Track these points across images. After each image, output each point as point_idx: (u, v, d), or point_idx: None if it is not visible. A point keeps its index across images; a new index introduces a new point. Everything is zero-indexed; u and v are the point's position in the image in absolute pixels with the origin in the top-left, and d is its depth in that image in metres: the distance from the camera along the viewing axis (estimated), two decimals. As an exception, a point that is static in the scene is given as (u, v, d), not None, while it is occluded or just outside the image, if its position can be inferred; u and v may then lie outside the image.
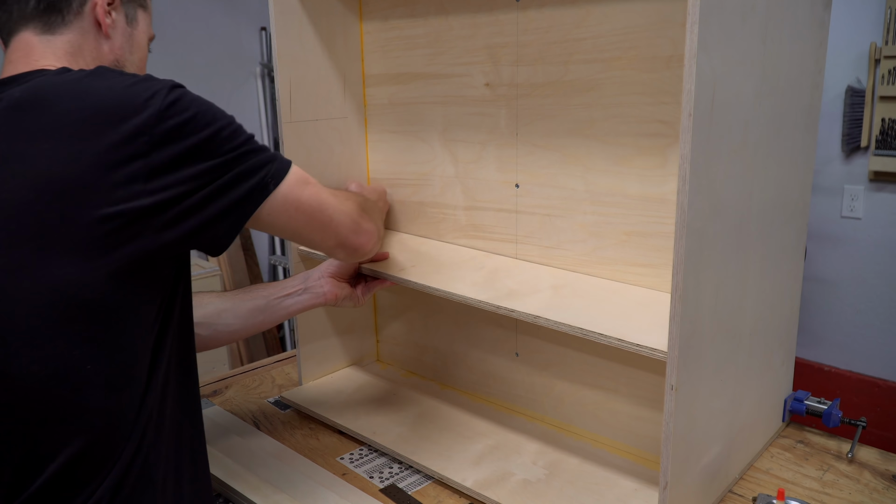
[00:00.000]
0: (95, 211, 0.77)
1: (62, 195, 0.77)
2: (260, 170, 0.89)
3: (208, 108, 0.85)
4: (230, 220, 0.87)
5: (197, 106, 0.83)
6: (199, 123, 0.82)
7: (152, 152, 0.79)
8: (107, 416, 0.82)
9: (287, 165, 0.93)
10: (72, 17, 0.92)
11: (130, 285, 0.81)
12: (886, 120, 2.45)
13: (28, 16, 0.90)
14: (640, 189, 1.15)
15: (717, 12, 0.82)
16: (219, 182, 0.84)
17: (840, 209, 2.61)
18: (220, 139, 0.84)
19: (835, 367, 2.70)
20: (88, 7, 0.93)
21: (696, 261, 0.89)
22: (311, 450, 1.31)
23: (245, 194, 0.87)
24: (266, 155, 0.90)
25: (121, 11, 0.97)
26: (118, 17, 0.97)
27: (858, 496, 1.12)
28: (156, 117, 0.79)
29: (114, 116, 0.78)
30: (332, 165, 1.50)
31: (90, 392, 0.81)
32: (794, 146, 1.14)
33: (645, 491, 1.14)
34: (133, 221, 0.79)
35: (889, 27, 2.39)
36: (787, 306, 1.24)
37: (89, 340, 0.80)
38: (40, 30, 0.91)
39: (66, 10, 0.91)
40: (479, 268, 1.32)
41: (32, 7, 0.90)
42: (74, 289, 0.78)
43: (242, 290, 1.26)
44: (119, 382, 0.83)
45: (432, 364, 1.58)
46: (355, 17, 1.50)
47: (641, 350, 0.95)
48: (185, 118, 0.81)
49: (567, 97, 1.21)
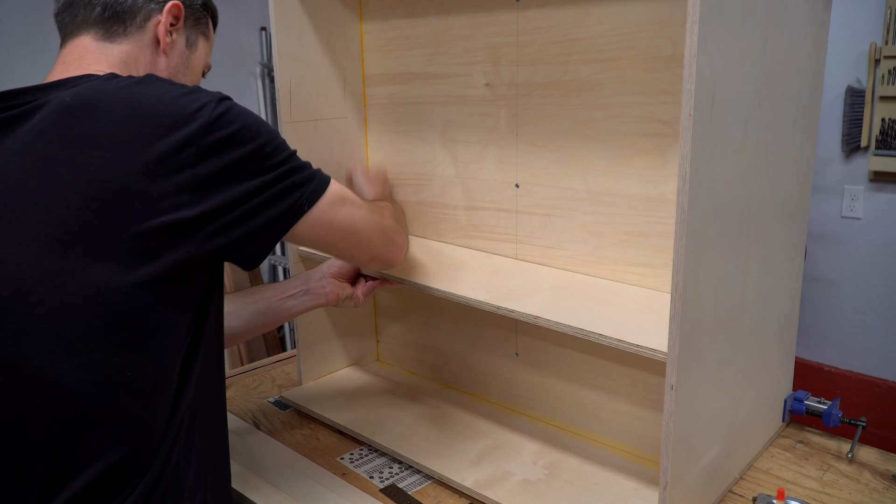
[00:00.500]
0: (142, 219, 0.78)
1: (111, 202, 0.77)
2: (297, 189, 0.89)
3: (253, 122, 0.85)
4: (265, 237, 0.87)
5: (243, 119, 0.84)
6: (245, 137, 0.83)
7: (199, 163, 0.80)
8: (143, 422, 0.82)
9: (324, 185, 0.93)
10: (133, 30, 0.93)
11: (169, 293, 0.82)
12: (886, 120, 2.45)
13: (91, 21, 0.92)
14: (640, 189, 1.15)
15: (717, 12, 0.82)
16: (258, 199, 0.85)
17: (840, 209, 2.61)
18: (263, 154, 0.85)
19: (835, 367, 2.70)
20: (152, 23, 0.94)
21: (696, 261, 0.89)
22: (311, 450, 1.31)
23: (281, 213, 0.88)
24: (304, 174, 0.91)
25: (182, 34, 0.99)
26: (178, 39, 0.98)
27: (858, 496, 1.12)
28: (204, 129, 0.80)
29: (164, 126, 0.79)
30: (332, 165, 1.50)
31: (128, 399, 0.81)
32: (794, 146, 1.14)
33: (645, 491, 1.14)
34: (177, 231, 0.79)
35: (889, 27, 2.39)
36: (787, 306, 1.24)
37: (129, 347, 0.80)
38: (100, 36, 0.92)
39: (129, 22, 0.93)
40: (480, 269, 1.32)
41: (98, 14, 0.92)
42: (117, 295, 0.78)
43: (243, 292, 1.26)
44: (155, 389, 0.83)
45: (432, 364, 1.58)
46: (355, 17, 1.50)
47: (641, 351, 0.95)
48: (232, 131, 0.82)
49: (567, 97, 1.21)
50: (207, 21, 1.05)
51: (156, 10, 0.95)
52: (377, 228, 1.04)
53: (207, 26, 1.05)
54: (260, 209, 0.85)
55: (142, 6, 0.94)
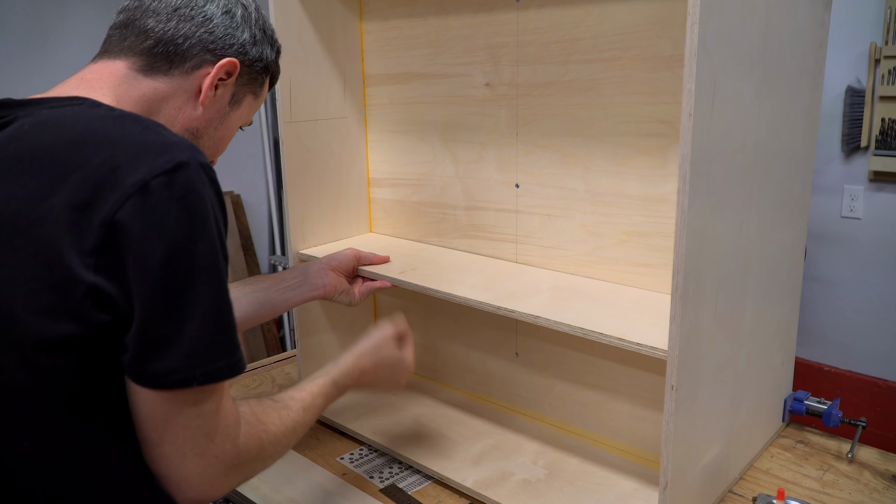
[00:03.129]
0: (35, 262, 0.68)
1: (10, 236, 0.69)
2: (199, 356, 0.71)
3: (196, 215, 0.71)
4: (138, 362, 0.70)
5: (189, 202, 0.70)
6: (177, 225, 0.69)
7: (112, 226, 0.67)
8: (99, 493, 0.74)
9: (222, 377, 0.74)
10: (177, 73, 0.87)
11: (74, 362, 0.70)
12: (886, 120, 2.45)
13: (137, 50, 0.86)
14: (640, 189, 1.15)
15: (717, 12, 0.82)
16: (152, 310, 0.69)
17: (840, 209, 2.61)
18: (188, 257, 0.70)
19: (835, 367, 2.70)
20: (200, 73, 0.87)
21: (696, 261, 0.89)
22: (311, 450, 1.31)
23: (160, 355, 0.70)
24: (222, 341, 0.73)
25: (230, 89, 0.91)
26: (223, 94, 0.91)
27: (858, 496, 1.12)
28: (137, 187, 0.68)
29: (98, 171, 0.69)
30: (332, 165, 1.50)
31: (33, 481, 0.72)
32: (795, 146, 1.14)
33: (645, 491, 1.14)
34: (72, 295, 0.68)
35: (889, 27, 2.39)
36: (786, 306, 1.24)
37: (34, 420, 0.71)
38: (137, 67, 0.85)
39: (176, 65, 0.86)
40: (480, 271, 1.32)
41: (148, 46, 0.85)
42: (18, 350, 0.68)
43: (241, 282, 1.25)
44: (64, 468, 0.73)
45: (432, 364, 1.58)
46: (355, 17, 1.50)
47: (642, 349, 0.95)
48: (169, 207, 0.69)
49: (567, 97, 1.21)
50: (263, 81, 0.97)
51: (209, 62, 0.88)
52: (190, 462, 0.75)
53: (261, 86, 0.97)
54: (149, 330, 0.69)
55: (197, 54, 0.87)
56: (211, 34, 0.88)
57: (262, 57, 0.94)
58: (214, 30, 0.88)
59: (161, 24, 0.85)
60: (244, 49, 0.91)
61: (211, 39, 0.88)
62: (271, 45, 0.96)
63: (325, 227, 1.52)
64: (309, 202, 1.47)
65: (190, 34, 0.86)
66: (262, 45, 0.94)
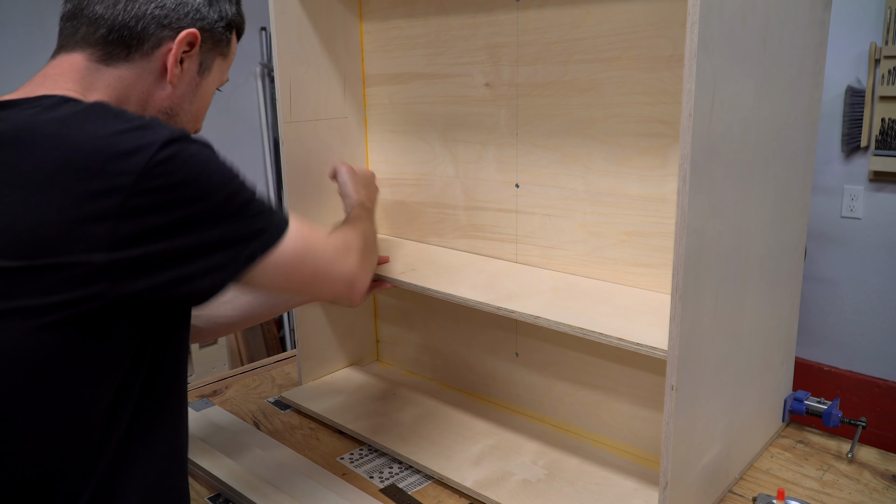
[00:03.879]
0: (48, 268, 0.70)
1: (14, 245, 0.70)
2: (246, 240, 0.80)
3: (199, 173, 0.75)
4: (208, 282, 0.78)
5: (187, 170, 0.73)
6: (185, 192, 0.73)
7: (123, 215, 0.70)
8: (46, 472, 0.75)
9: (278, 234, 0.84)
10: (138, 57, 0.84)
11: (73, 339, 0.73)
12: (886, 120, 2.45)
13: (92, 41, 0.83)
14: (640, 189, 1.15)
15: (717, 12, 0.82)
16: (194, 250, 0.75)
17: (840, 209, 2.61)
18: (206, 210, 0.75)
19: (835, 367, 2.70)
20: (161, 51, 0.85)
21: (696, 261, 0.89)
22: (311, 450, 1.31)
23: (226, 263, 0.78)
24: (258, 223, 0.82)
25: (195, 59, 0.89)
26: (189, 66, 0.89)
27: (858, 496, 1.12)
28: (137, 176, 0.70)
29: (86, 169, 0.70)
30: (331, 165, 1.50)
31: (24, 446, 0.73)
32: (795, 146, 1.14)
33: (645, 491, 1.14)
34: (87, 279, 0.70)
35: (889, 27, 2.39)
36: (786, 306, 1.24)
37: (16, 390, 0.72)
38: (96, 58, 0.84)
39: (134, 48, 0.84)
40: (480, 271, 1.32)
41: (101, 35, 0.83)
42: (12, 341, 0.71)
43: None
44: (64, 433, 0.75)
45: (432, 364, 1.58)
46: (355, 17, 1.50)
47: (641, 349, 0.95)
48: (168, 183, 0.72)
49: (567, 97, 1.21)
50: (229, 39, 0.95)
51: (168, 38, 0.85)
52: (339, 275, 0.96)
53: (228, 45, 0.95)
54: (192, 259, 0.76)
55: (153, 33, 0.84)
56: (162, 9, 0.85)
57: (223, 16, 0.92)
58: (164, 3, 0.85)
59: (109, 10, 0.83)
60: (200, 14, 0.88)
61: (164, 14, 0.85)
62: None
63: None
64: (309, 202, 1.47)
65: (141, 14, 0.83)
66: (218, 3, 0.91)
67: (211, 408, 1.47)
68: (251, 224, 0.81)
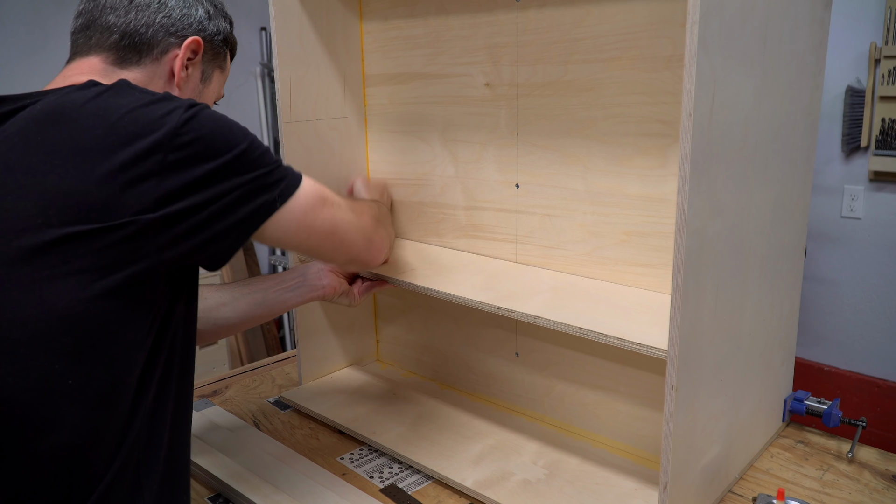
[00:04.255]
0: (101, 231, 0.75)
1: (68, 212, 0.75)
2: (266, 190, 0.87)
3: (223, 126, 0.83)
4: (231, 238, 0.85)
5: (211, 125, 0.81)
6: (213, 143, 0.81)
7: (164, 171, 0.77)
8: (87, 435, 0.78)
9: (295, 183, 0.91)
10: (148, 61, 0.93)
11: (123, 304, 0.78)
12: (886, 120, 2.45)
13: (105, 46, 0.91)
14: (640, 189, 1.15)
15: (717, 12, 0.82)
16: (225, 200, 0.82)
17: (840, 209, 2.61)
18: (234, 160, 0.82)
19: (835, 367, 2.70)
20: (169, 56, 0.94)
21: (696, 261, 0.89)
22: (311, 450, 1.31)
23: (248, 215, 0.85)
24: (277, 174, 0.88)
25: (199, 67, 0.98)
26: (194, 73, 0.97)
27: (858, 496, 1.12)
28: (170, 135, 0.78)
29: (128, 134, 0.77)
30: (332, 165, 1.50)
31: (69, 408, 0.77)
32: (794, 146, 1.14)
33: (645, 491, 1.14)
34: (136, 241, 0.77)
35: (889, 27, 2.39)
36: (786, 306, 1.24)
37: (73, 354, 0.77)
38: (111, 61, 0.91)
39: (145, 53, 0.92)
40: (479, 271, 1.32)
41: (114, 41, 0.91)
42: (64, 303, 0.75)
43: (241, 282, 1.25)
44: (101, 400, 0.79)
45: (432, 364, 1.58)
46: (355, 17, 1.50)
47: (641, 349, 0.95)
48: (199, 136, 0.79)
49: (567, 97, 1.21)
50: (225, 54, 1.05)
51: (175, 45, 0.94)
52: (357, 229, 1.02)
53: (225, 59, 1.05)
54: (228, 210, 0.83)
55: (161, 39, 0.93)
56: (169, 17, 0.94)
57: (220, 30, 1.01)
58: (171, 13, 0.94)
59: (121, 18, 0.91)
60: (202, 25, 0.97)
61: (170, 23, 0.94)
62: (224, 17, 1.03)
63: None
64: (309, 202, 1.47)
65: (150, 22, 0.92)
66: (217, 19, 1.01)
67: (211, 408, 1.47)
68: (269, 176, 0.87)
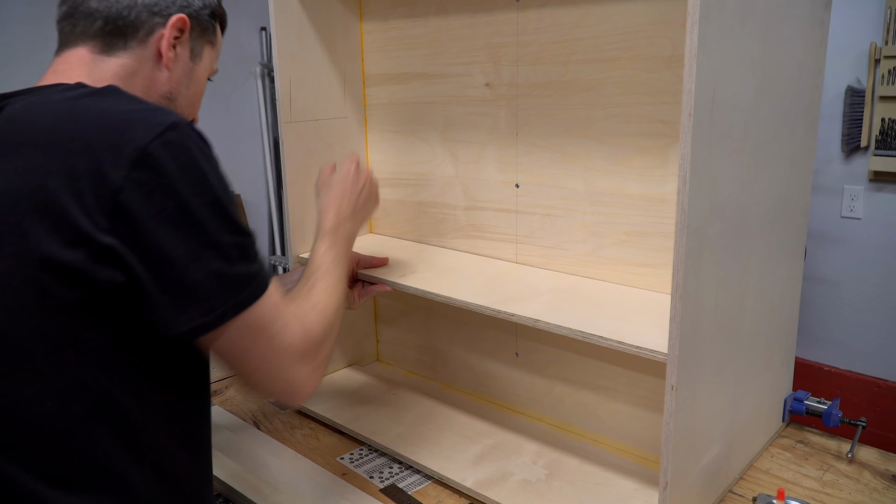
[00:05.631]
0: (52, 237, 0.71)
1: (25, 214, 0.71)
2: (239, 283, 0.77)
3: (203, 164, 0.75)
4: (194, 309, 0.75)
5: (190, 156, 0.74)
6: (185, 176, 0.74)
7: (122, 192, 0.71)
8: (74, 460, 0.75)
9: (265, 285, 0.80)
10: (134, 44, 0.90)
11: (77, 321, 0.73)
12: (886, 120, 2.45)
13: (90, 34, 0.89)
14: (640, 189, 1.15)
15: (717, 12, 0.82)
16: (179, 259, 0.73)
17: (840, 209, 2.61)
18: (202, 205, 0.74)
19: (835, 367, 2.70)
20: (154, 37, 0.90)
21: (696, 261, 0.89)
22: (311, 450, 1.31)
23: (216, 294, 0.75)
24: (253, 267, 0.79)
25: (187, 46, 0.94)
26: (182, 52, 0.94)
27: (858, 496, 1.12)
28: (140, 152, 0.72)
29: (94, 141, 0.72)
30: (332, 165, 1.50)
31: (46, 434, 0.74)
32: (794, 146, 1.14)
33: (645, 491, 1.14)
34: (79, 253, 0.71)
35: (889, 27, 2.39)
36: (787, 306, 1.24)
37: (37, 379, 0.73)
38: (98, 49, 0.89)
39: (130, 36, 0.89)
40: (480, 272, 1.32)
41: (98, 27, 0.88)
42: (12, 321, 0.72)
43: None
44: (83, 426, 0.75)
45: (432, 364, 1.58)
46: (355, 17, 1.50)
47: (641, 352, 0.95)
48: (174, 164, 0.73)
49: (567, 97, 1.21)
50: (215, 28, 1.00)
51: (160, 25, 0.91)
52: (286, 372, 0.85)
53: (214, 33, 1.00)
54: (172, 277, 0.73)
55: (145, 20, 0.90)
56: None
57: (206, 4, 0.97)
58: None
59: (103, 2, 0.89)
60: (187, 2, 0.94)
61: (153, 2, 0.90)
62: None
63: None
64: (309, 202, 1.47)
65: (132, 3, 0.89)
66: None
67: (211, 408, 1.47)
68: (246, 266, 0.78)
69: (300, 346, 0.85)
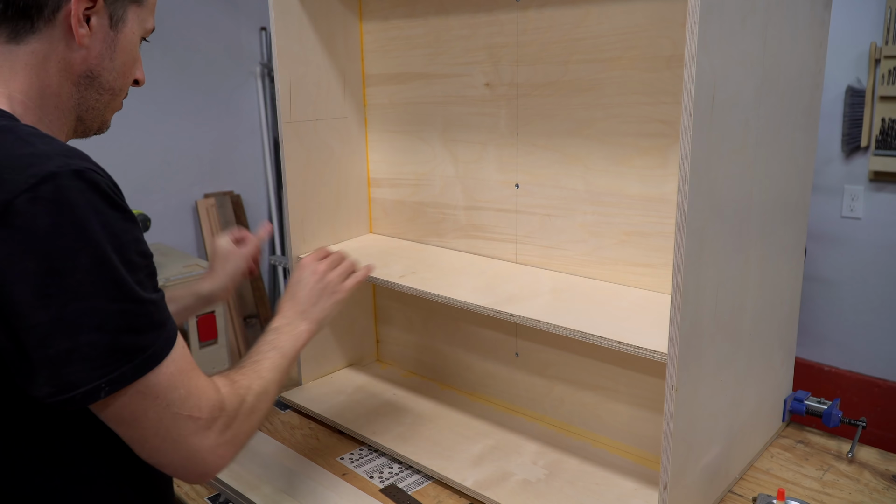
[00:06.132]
0: None
1: None
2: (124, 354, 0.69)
3: (77, 225, 0.67)
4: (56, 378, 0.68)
5: (67, 214, 0.66)
6: (52, 241, 0.66)
7: None
8: None
9: (164, 352, 0.73)
10: (42, 25, 0.80)
11: None
12: (886, 120, 2.45)
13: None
14: (640, 189, 1.15)
15: (717, 12, 0.82)
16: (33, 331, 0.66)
17: (840, 209, 2.61)
18: (69, 271, 0.66)
19: (835, 367, 2.70)
20: (62, 14, 0.80)
21: (696, 261, 0.89)
22: (311, 450, 1.31)
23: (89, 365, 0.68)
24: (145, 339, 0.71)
25: (103, 14, 0.83)
26: (98, 23, 0.83)
27: (858, 496, 1.12)
28: (2, 208, 0.64)
29: None
30: (332, 165, 1.50)
31: None
32: (794, 146, 1.14)
33: (645, 491, 1.14)
34: None
35: (889, 27, 2.39)
36: (787, 306, 1.24)
37: None
38: (5, 38, 0.80)
39: (36, 18, 0.79)
40: (480, 273, 1.32)
41: (0, 11, 0.79)
42: None
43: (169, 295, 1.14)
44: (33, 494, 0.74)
45: (432, 364, 1.58)
46: (355, 17, 1.50)
47: (641, 352, 0.95)
48: (41, 224, 0.65)
49: (567, 97, 1.21)
50: None
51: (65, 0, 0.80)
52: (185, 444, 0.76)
53: None
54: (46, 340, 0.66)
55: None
56: None
57: None
58: None
59: None
60: None
61: None
62: None
63: (325, 228, 1.52)
64: (309, 202, 1.47)
65: None
66: None
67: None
68: (133, 337, 0.70)
69: (209, 415, 0.77)
